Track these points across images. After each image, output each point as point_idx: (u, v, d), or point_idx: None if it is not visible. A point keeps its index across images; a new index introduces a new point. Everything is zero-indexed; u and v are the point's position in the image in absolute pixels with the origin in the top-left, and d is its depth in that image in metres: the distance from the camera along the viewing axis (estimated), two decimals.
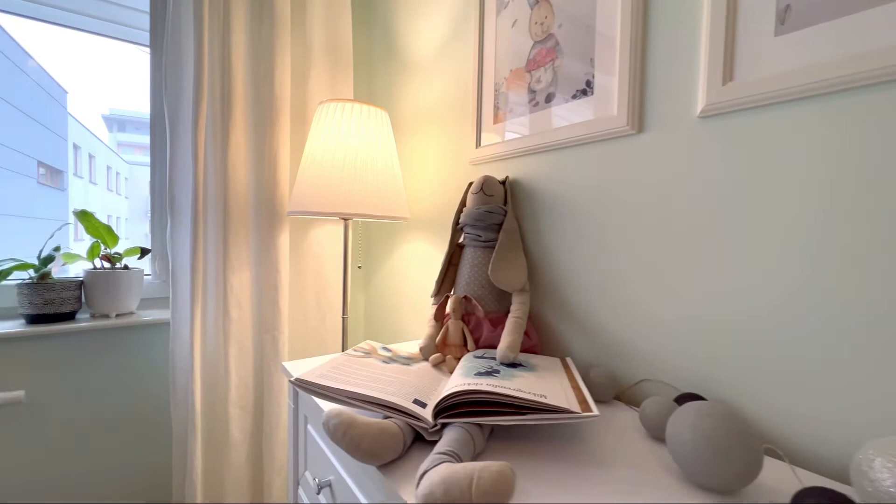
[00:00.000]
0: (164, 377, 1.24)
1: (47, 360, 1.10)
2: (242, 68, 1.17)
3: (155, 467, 1.24)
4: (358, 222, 1.47)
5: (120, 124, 24.05)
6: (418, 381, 0.66)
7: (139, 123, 22.49)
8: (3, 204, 8.24)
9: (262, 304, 1.19)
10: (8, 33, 8.15)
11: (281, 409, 1.20)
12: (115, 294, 1.18)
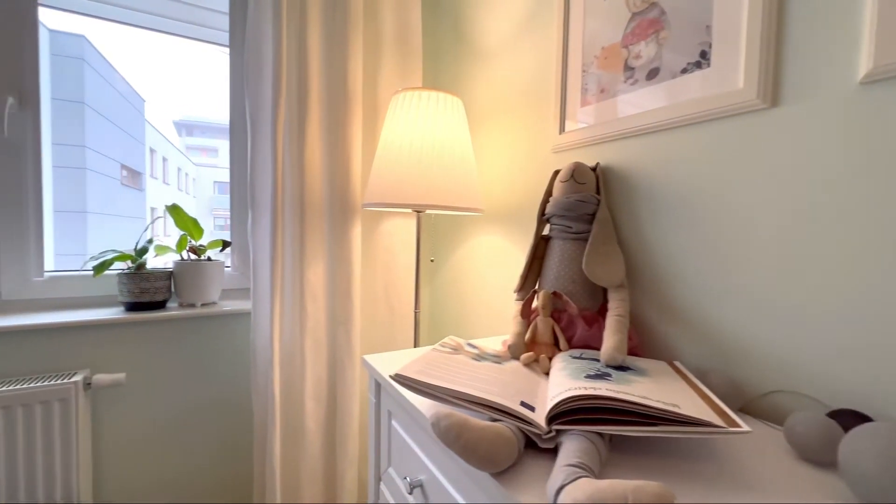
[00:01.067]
0: (245, 365, 1.29)
1: (143, 345, 1.17)
2: (317, 64, 1.17)
3: (237, 448, 1.30)
4: (430, 215, 1.45)
5: (188, 129, 25.98)
6: (516, 382, 0.61)
7: (205, 128, 24.18)
8: (93, 203, 9.16)
9: (336, 297, 1.20)
10: (97, 49, 9.00)
11: (353, 402, 1.20)
12: (201, 284, 1.24)
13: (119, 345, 1.14)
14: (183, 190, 18.30)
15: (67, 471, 0.99)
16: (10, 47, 1.09)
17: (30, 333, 1.05)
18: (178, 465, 1.22)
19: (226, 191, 19.20)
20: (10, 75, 1.09)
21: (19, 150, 1.12)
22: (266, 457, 1.13)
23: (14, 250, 1.11)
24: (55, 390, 0.98)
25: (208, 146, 24.09)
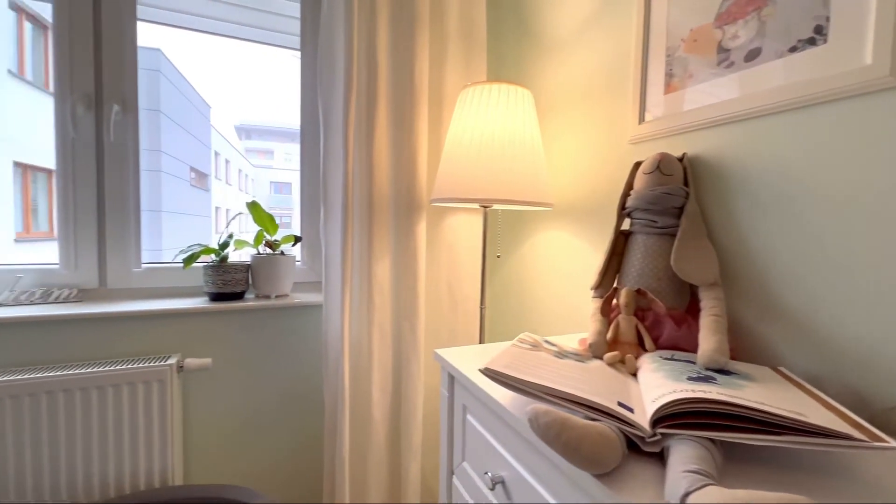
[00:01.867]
0: (315, 354, 1.34)
1: (226, 332, 1.25)
2: (385, 63, 1.20)
3: (309, 431, 1.36)
4: (496, 210, 1.44)
5: (247, 133, 27.62)
6: (606, 382, 0.59)
7: (262, 131, 25.59)
8: (167, 202, 9.99)
9: (401, 292, 1.22)
10: (170, 61, 9.79)
11: (417, 395, 1.22)
12: (275, 277, 1.30)
13: (205, 332, 1.23)
14: (243, 190, 19.49)
15: (164, 449, 1.09)
16: (116, 60, 1.20)
17: (131, 319, 1.16)
18: (257, 446, 1.30)
19: (280, 190, 20.25)
20: (115, 85, 1.21)
21: (122, 153, 1.23)
22: (336, 444, 1.17)
23: (118, 244, 1.23)
24: (155, 371, 1.07)
25: (265, 148, 25.49)
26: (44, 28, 6.59)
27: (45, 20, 6.49)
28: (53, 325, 1.09)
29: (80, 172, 1.19)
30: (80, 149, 1.18)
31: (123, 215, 1.24)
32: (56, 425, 0.99)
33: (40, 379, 0.98)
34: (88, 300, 1.20)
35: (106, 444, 1.03)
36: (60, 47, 1.16)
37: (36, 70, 6.46)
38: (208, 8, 1.36)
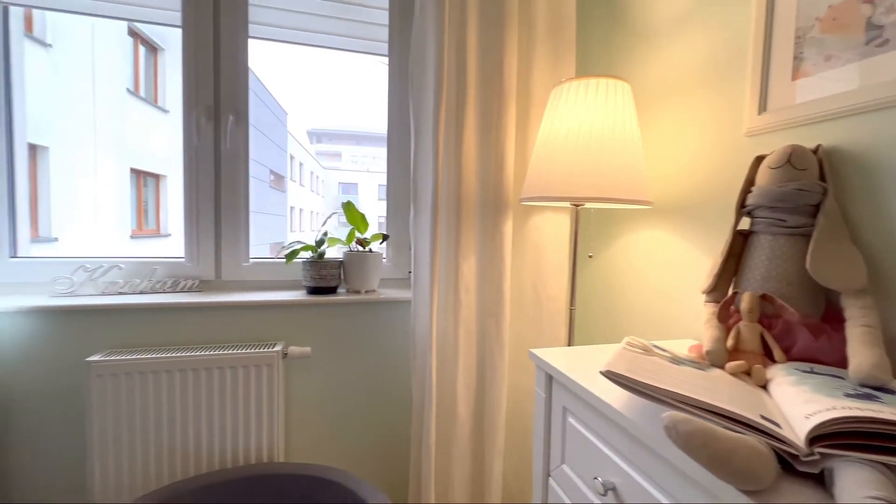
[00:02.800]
0: (402, 349, 1.40)
1: (322, 324, 1.34)
2: (475, 63, 1.21)
3: (396, 421, 1.41)
4: (588, 209, 1.40)
5: (318, 136, 29.36)
6: (738, 393, 0.55)
7: (332, 135, 27.05)
8: (251, 203, 10.97)
9: (486, 290, 1.23)
10: (252, 71, 10.70)
11: (501, 393, 1.22)
12: (365, 273, 1.37)
13: (304, 322, 1.33)
14: (314, 191, 20.76)
15: (270, 428, 1.19)
16: (230, 75, 1.34)
17: (243, 308, 1.28)
18: (349, 431, 1.38)
19: (348, 191, 21.26)
20: (231, 97, 1.34)
21: (235, 159, 1.36)
22: (423, 437, 1.21)
23: (231, 241, 1.37)
24: (264, 356, 1.18)
25: (334, 151, 26.93)
26: (154, 50, 7.50)
27: (157, 43, 7.37)
28: (181, 311, 1.24)
29: (202, 177, 1.34)
30: (202, 156, 1.33)
31: (235, 215, 1.37)
32: (186, 399, 1.13)
33: (174, 358, 1.12)
34: (207, 290, 1.35)
35: (224, 419, 1.16)
36: (188, 67, 1.31)
37: (147, 87, 7.37)
38: (305, 22, 1.46)
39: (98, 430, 1.07)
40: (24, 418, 1.14)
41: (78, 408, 1.16)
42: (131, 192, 6.88)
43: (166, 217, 7.95)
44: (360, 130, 27.32)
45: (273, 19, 1.40)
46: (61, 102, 5.36)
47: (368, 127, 24.68)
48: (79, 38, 5.68)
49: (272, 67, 24.99)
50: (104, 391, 1.07)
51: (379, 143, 23.66)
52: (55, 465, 1.16)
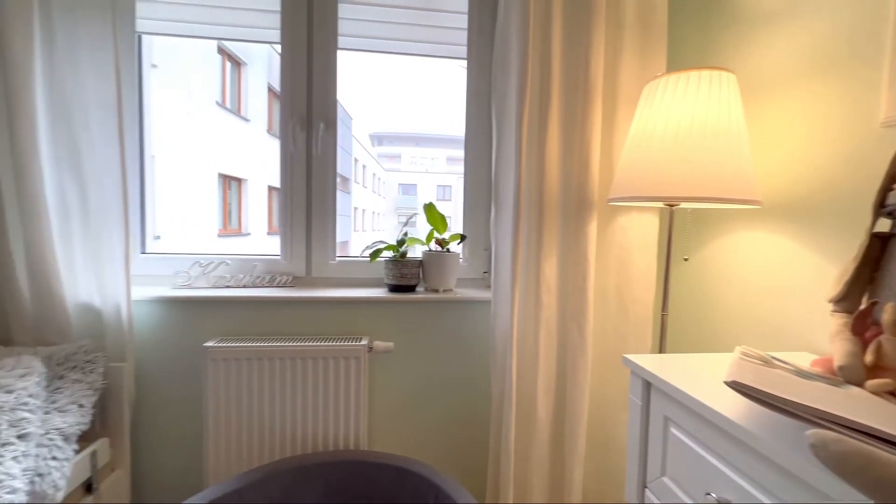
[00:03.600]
0: (480, 349, 1.41)
1: (403, 321, 1.39)
2: (559, 62, 1.19)
3: (475, 420, 1.43)
4: (683, 209, 1.33)
5: (379, 139, 30.43)
6: (891, 415, 0.49)
7: (392, 138, 27.91)
8: None
9: (569, 292, 1.21)
10: None
11: (583, 399, 1.19)
12: (443, 273, 1.41)
13: (385, 318, 1.39)
14: (376, 192, 21.54)
15: (357, 417, 1.26)
16: (321, 86, 1.43)
17: (331, 303, 1.37)
18: (427, 425, 1.42)
19: (407, 192, 21.79)
20: (321, 106, 1.43)
21: (324, 164, 1.46)
22: (502, 437, 1.21)
23: (320, 240, 1.46)
24: (352, 349, 1.25)
25: (393, 153, 27.76)
26: (238, 65, 8.22)
27: (241, 59, 8.07)
28: (278, 304, 1.35)
29: (296, 181, 1.44)
30: (297, 161, 1.44)
31: (324, 216, 1.47)
32: (284, 385, 1.23)
33: (275, 347, 1.22)
34: (299, 286, 1.45)
35: (317, 405, 1.24)
36: (285, 81, 1.42)
37: (232, 99, 8.09)
38: (388, 31, 1.52)
39: (213, 410, 1.20)
40: (155, 394, 1.31)
41: (196, 388, 1.31)
42: (218, 195, 7.59)
43: (247, 217, 8.68)
44: (419, 132, 27.92)
45: (360, 30, 1.47)
46: (165, 116, 6.06)
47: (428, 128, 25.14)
48: (178, 58, 6.38)
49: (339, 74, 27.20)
50: (218, 374, 1.20)
51: (437, 144, 24.04)
52: (177, 439, 1.32)
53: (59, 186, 1.15)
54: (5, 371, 0.96)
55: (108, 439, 1.16)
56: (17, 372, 0.96)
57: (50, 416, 0.99)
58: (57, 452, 0.96)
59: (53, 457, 0.95)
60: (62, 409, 1.02)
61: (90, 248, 1.19)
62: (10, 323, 1.12)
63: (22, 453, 0.88)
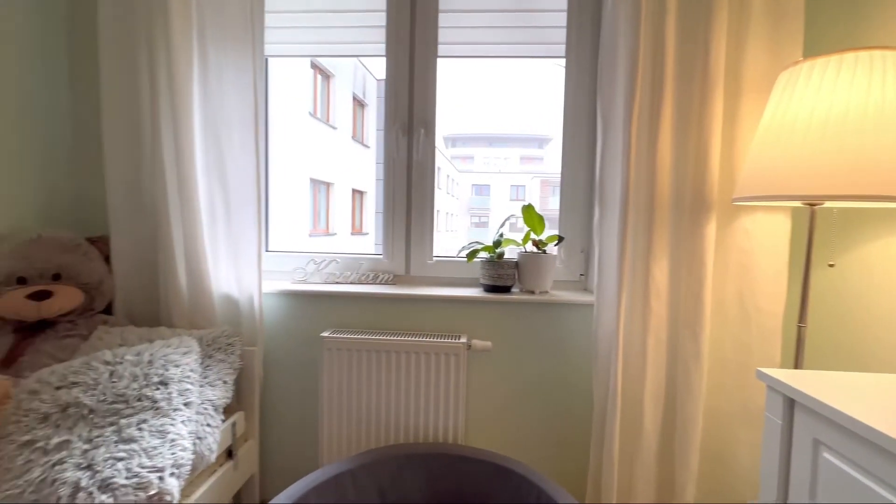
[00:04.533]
0: (579, 352, 1.38)
1: (500, 321, 1.41)
2: (673, 54, 1.12)
3: (573, 423, 1.41)
4: (828, 209, 1.20)
5: (453, 141, 30.89)
6: None
7: (466, 139, 28.19)
8: None
9: (682, 297, 1.14)
10: None
11: (696, 412, 1.12)
12: (540, 274, 1.40)
13: (482, 318, 1.42)
14: (450, 193, 21.90)
15: (456, 412, 1.30)
16: (421, 93, 1.50)
17: (430, 301, 1.43)
18: (522, 424, 1.42)
19: (480, 192, 21.86)
20: (422, 113, 1.50)
21: (423, 168, 1.52)
22: (605, 445, 1.17)
23: (418, 240, 1.54)
24: (452, 346, 1.29)
25: (466, 154, 27.98)
26: (327, 77, 8.88)
27: (329, 71, 8.71)
28: (381, 300, 1.44)
29: (398, 185, 1.53)
30: (399, 166, 1.52)
31: (422, 217, 1.53)
32: (389, 377, 1.31)
33: (381, 341, 1.31)
34: (399, 283, 1.54)
35: (419, 398, 1.31)
36: (389, 90, 1.51)
37: (322, 109, 8.77)
38: (485, 36, 1.55)
39: (326, 394, 1.32)
40: (278, 376, 1.47)
41: (312, 373, 1.44)
42: (309, 198, 8.27)
43: (333, 219, 9.34)
44: (491, 133, 27.82)
45: (458, 38, 1.52)
46: (271, 126, 6.75)
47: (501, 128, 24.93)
48: (280, 74, 7.06)
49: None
50: (332, 362, 1.31)
51: (511, 143, 23.76)
52: (296, 418, 1.47)
53: (209, 191, 1.34)
54: (172, 348, 1.14)
55: (243, 413, 1.33)
56: (181, 350, 1.14)
57: (204, 388, 1.16)
58: (210, 420, 1.12)
59: (207, 424, 1.11)
60: (212, 383, 1.19)
61: (231, 246, 1.37)
62: (171, 309, 1.33)
63: (188, 418, 1.04)
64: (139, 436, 0.95)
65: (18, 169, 1.33)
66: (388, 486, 1.19)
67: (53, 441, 0.91)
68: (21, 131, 1.34)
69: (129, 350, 1.10)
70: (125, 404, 0.99)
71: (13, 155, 1.32)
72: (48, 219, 1.40)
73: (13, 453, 0.90)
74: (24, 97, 1.34)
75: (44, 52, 1.40)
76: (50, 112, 1.42)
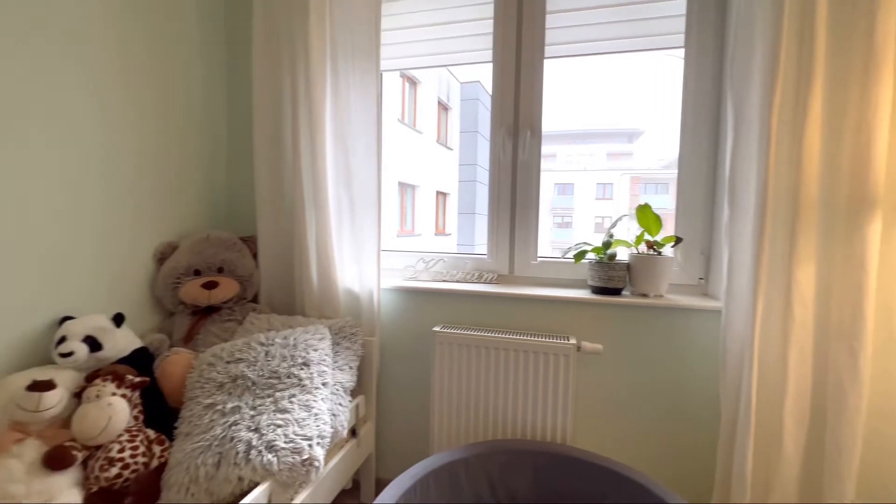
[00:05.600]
0: (696, 359, 1.30)
1: (610, 323, 1.38)
2: (824, 27, 1.00)
3: (688, 434, 1.33)
4: None
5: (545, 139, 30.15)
6: None
7: (548, 137, 27.39)
8: (480, 206, 12.17)
9: (834, 306, 1.01)
10: (485, 89, 11.80)
11: (853, 437, 0.98)
12: (654, 277, 1.34)
13: (590, 320, 1.39)
14: None
15: (564, 412, 1.30)
16: (528, 95, 1.52)
17: (536, 301, 1.44)
18: (632, 430, 1.37)
19: (564, 191, 21.07)
20: (528, 115, 1.52)
21: (529, 169, 1.54)
22: (735, 459, 1.09)
23: (522, 241, 1.56)
24: (562, 347, 1.29)
25: (548, 152, 27.21)
26: (414, 84, 9.28)
27: (417, 79, 9.09)
28: (487, 298, 1.49)
29: (503, 186, 1.56)
30: (504, 168, 1.56)
31: (527, 219, 1.55)
32: (497, 373, 1.35)
33: (490, 338, 1.35)
34: (503, 283, 1.57)
35: (526, 395, 1.33)
36: (495, 94, 1.55)
37: (409, 115, 9.18)
38: (595, 33, 1.52)
39: (437, 385, 1.40)
40: (392, 366, 1.59)
41: (424, 364, 1.53)
42: (397, 200, 8.71)
43: (418, 220, 9.72)
44: (575, 129, 26.67)
45: (566, 37, 1.51)
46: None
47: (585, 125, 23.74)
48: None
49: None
50: (443, 355, 1.39)
51: (597, 139, 22.52)
52: (409, 405, 1.58)
53: (336, 196, 1.50)
54: (310, 335, 1.30)
55: (363, 397, 1.46)
56: (317, 336, 1.30)
57: (335, 372, 1.30)
58: (341, 400, 1.26)
59: (339, 403, 1.25)
60: (340, 367, 1.34)
61: (354, 245, 1.52)
62: (304, 300, 1.51)
63: (326, 397, 1.18)
64: (291, 408, 1.10)
65: (195, 183, 1.61)
66: (498, 478, 1.23)
67: (228, 405, 1.10)
68: (194, 159, 1.61)
69: (277, 334, 1.28)
70: (278, 380, 1.16)
71: (192, 173, 1.60)
72: (211, 221, 1.68)
73: (200, 413, 1.10)
74: (197, 144, 1.62)
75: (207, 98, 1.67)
76: (212, 138, 1.69)
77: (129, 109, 1.36)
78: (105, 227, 1.30)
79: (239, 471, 0.96)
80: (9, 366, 1.09)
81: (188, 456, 1.01)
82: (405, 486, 1.07)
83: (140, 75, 1.39)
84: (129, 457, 1.01)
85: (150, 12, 1.41)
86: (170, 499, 0.98)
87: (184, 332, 1.41)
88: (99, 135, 1.28)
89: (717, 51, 1.33)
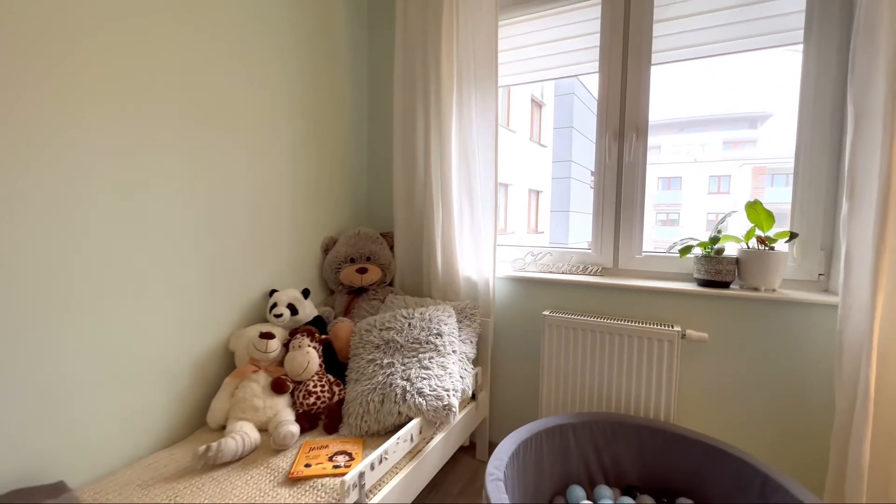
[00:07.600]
0: (810, 353, 1.32)
1: (716, 314, 1.44)
2: None
3: (794, 424, 1.36)
4: None
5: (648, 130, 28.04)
6: None
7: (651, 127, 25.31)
8: (574, 203, 11.85)
9: None
10: (582, 83, 11.42)
11: None
12: (766, 271, 1.37)
13: (694, 311, 1.47)
14: None
15: (669, 393, 1.41)
16: (633, 100, 1.63)
17: (642, 292, 1.56)
18: (737, 419, 1.43)
19: (669, 186, 19.35)
20: (634, 118, 1.63)
21: (634, 169, 1.65)
22: (849, 453, 1.11)
23: (626, 236, 1.67)
24: (666, 333, 1.40)
25: (652, 144, 25.09)
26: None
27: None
28: (593, 288, 1.64)
29: (608, 186, 1.70)
30: (609, 169, 1.69)
31: (631, 216, 1.66)
32: (603, 353, 1.51)
33: (595, 322, 1.51)
34: (608, 275, 1.71)
35: (631, 375, 1.46)
36: (601, 100, 1.69)
37: (503, 116, 9.43)
38: (705, 36, 1.57)
39: (546, 360, 1.60)
40: (505, 343, 1.83)
41: (533, 343, 1.74)
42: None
43: (511, 218, 9.89)
44: (683, 117, 24.19)
45: (674, 44, 1.59)
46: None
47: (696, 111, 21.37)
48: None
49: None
50: (552, 336, 1.58)
51: (710, 127, 20.19)
52: (518, 378, 1.80)
53: (459, 199, 1.78)
54: (440, 312, 1.59)
55: (480, 368, 1.72)
56: (446, 313, 1.59)
57: (461, 343, 1.58)
58: (466, 366, 1.53)
59: (465, 368, 1.52)
60: (464, 341, 1.61)
61: (473, 241, 1.78)
62: (431, 285, 1.82)
63: (455, 361, 1.46)
64: (431, 366, 1.40)
65: (347, 190, 2.03)
66: (603, 445, 1.39)
67: (385, 361, 1.43)
68: (347, 172, 2.03)
69: (415, 310, 1.59)
70: (419, 345, 1.47)
71: (344, 182, 2.01)
72: (356, 221, 2.09)
73: (364, 365, 1.45)
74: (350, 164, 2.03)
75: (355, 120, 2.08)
76: (358, 154, 2.10)
77: (310, 127, 1.79)
78: (294, 224, 1.75)
79: (398, 407, 1.28)
80: (240, 321, 1.55)
81: (360, 394, 1.35)
82: (522, 437, 1.29)
83: (319, 102, 1.83)
84: (321, 391, 1.39)
85: (317, 46, 1.83)
86: (349, 424, 1.33)
87: (343, 307, 1.81)
88: (287, 150, 1.71)
89: (839, 44, 1.32)
